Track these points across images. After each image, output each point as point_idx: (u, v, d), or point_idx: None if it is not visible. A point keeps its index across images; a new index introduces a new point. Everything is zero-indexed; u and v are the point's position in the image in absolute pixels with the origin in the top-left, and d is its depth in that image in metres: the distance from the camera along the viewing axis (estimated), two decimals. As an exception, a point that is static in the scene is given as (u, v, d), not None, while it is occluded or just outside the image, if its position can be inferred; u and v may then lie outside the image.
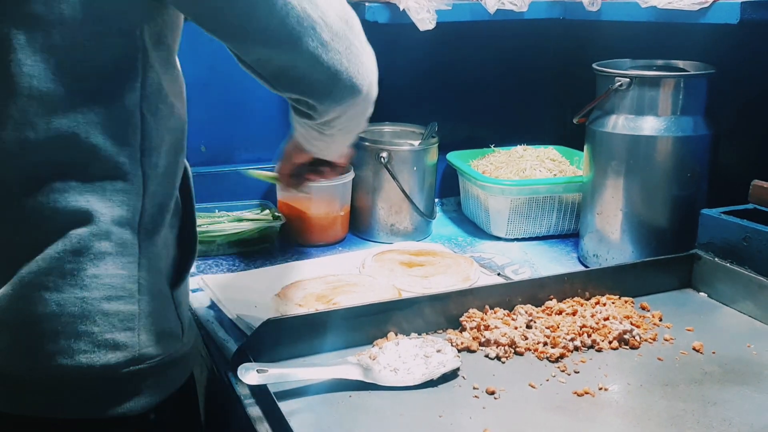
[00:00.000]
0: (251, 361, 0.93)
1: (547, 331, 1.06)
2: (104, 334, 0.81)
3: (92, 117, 0.80)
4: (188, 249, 0.95)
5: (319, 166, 1.16)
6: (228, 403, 0.99)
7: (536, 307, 1.14)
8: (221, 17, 0.80)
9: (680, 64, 1.37)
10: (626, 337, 1.06)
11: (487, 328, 1.07)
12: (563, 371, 0.99)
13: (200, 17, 0.81)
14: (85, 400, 0.83)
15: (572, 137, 1.67)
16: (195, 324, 1.01)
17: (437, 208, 1.77)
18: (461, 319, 1.10)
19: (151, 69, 0.83)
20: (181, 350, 0.90)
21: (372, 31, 1.54)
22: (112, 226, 0.82)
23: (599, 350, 1.04)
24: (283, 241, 1.57)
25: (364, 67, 0.90)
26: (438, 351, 1.00)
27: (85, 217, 0.81)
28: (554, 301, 1.16)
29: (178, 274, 0.92)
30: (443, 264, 1.37)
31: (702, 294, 1.23)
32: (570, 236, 1.60)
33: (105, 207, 0.82)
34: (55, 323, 0.80)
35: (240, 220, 1.54)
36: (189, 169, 0.95)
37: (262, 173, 1.41)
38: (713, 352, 1.04)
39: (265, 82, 0.86)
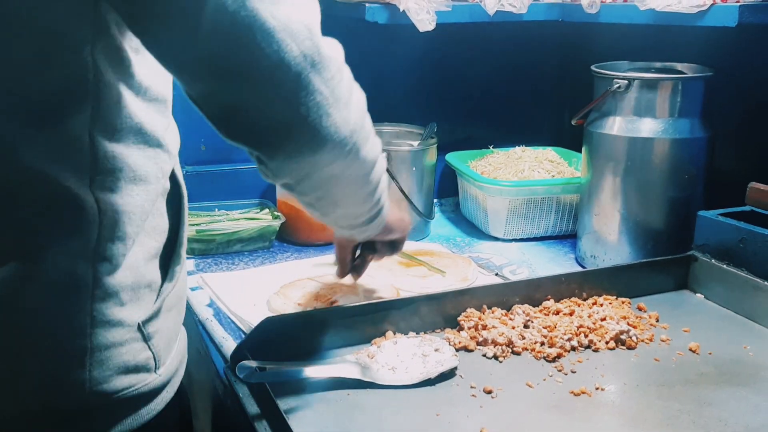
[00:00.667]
0: (250, 359, 0.94)
1: (545, 331, 1.07)
2: (49, 372, 0.77)
3: (34, 139, 0.73)
4: (167, 273, 0.87)
5: (372, 248, 1.11)
6: (227, 402, 0.99)
7: (534, 307, 1.14)
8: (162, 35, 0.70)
9: (678, 66, 1.38)
10: (623, 337, 1.06)
11: (484, 327, 1.07)
12: (560, 371, 0.99)
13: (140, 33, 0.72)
14: None
15: (570, 139, 1.68)
16: (186, 350, 0.95)
17: (436, 209, 1.78)
18: (459, 318, 1.11)
19: (107, 88, 0.75)
20: (153, 383, 0.84)
21: (372, 31, 1.56)
22: (60, 255, 0.76)
23: (596, 350, 1.05)
24: (282, 241, 1.58)
25: (334, 116, 0.76)
26: (436, 350, 1.01)
27: (29, 247, 0.75)
28: (551, 301, 1.16)
29: (154, 303, 0.84)
30: (441, 264, 1.37)
31: (698, 295, 1.23)
32: (568, 237, 1.60)
33: (53, 236, 0.75)
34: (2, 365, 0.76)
35: (239, 219, 1.55)
36: (183, 187, 0.90)
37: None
38: (709, 353, 1.04)
39: (213, 124, 0.77)
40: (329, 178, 0.83)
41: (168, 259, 0.88)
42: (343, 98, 0.77)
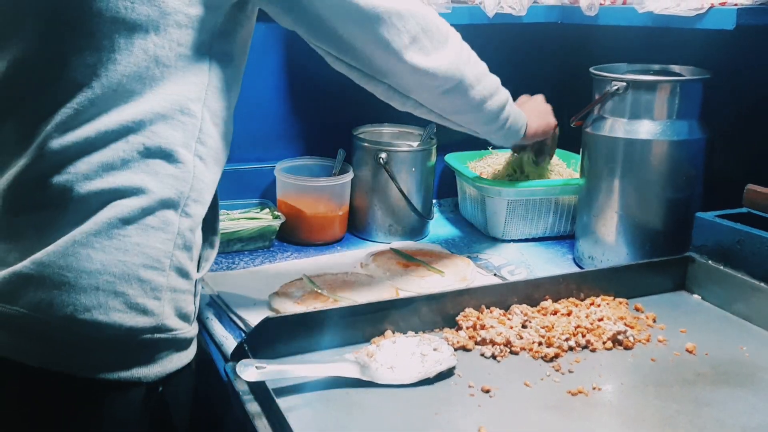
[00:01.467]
0: (250, 358, 0.94)
1: (542, 331, 1.07)
2: (137, 298, 0.88)
3: (159, 110, 0.90)
4: (210, 245, 1.03)
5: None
6: (226, 399, 0.99)
7: (532, 307, 1.15)
8: None
9: (676, 68, 1.39)
10: (620, 337, 1.07)
11: (483, 327, 1.08)
12: (558, 371, 1.00)
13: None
14: (105, 360, 0.88)
15: (569, 140, 1.68)
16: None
17: (435, 209, 1.78)
18: (457, 318, 1.11)
19: (218, 81, 0.96)
20: (190, 333, 0.96)
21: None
22: (160, 204, 0.90)
23: (593, 350, 1.05)
24: (282, 240, 1.59)
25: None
26: (434, 349, 1.01)
27: (137, 192, 0.89)
28: (549, 301, 1.17)
29: (199, 266, 0.99)
30: (440, 264, 1.38)
31: (696, 296, 1.24)
32: (566, 238, 1.61)
33: (156, 186, 0.90)
34: (97, 280, 0.86)
35: (239, 218, 1.55)
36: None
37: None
38: (706, 354, 1.05)
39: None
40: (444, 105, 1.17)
41: (210, 229, 1.03)
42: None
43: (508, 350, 1.05)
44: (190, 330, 0.96)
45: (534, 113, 1.41)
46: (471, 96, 1.17)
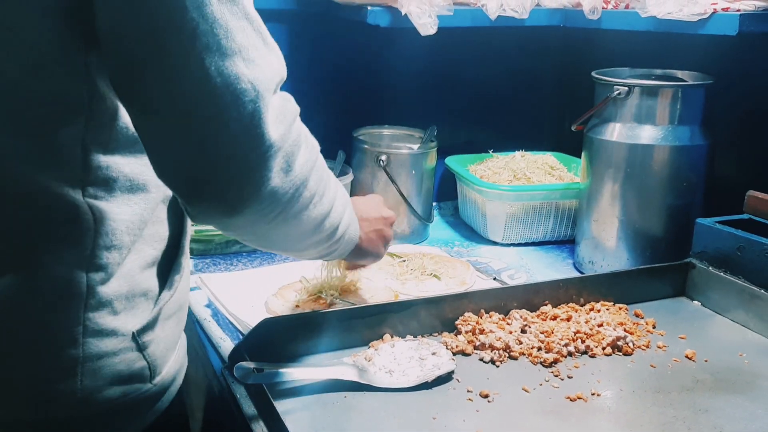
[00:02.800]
0: (248, 360, 0.94)
1: (542, 336, 1.07)
2: (39, 385, 0.76)
3: (24, 149, 0.74)
4: (165, 282, 0.87)
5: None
6: (224, 402, 0.99)
7: (531, 312, 1.15)
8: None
9: (678, 74, 1.38)
10: (620, 343, 1.07)
11: (482, 331, 1.08)
12: (557, 376, 1.00)
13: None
14: None
15: (570, 144, 1.68)
16: (185, 357, 0.94)
17: (435, 212, 1.78)
18: (456, 322, 1.11)
19: (101, 100, 0.76)
20: (148, 392, 0.83)
21: (373, 34, 1.56)
22: (55, 264, 0.76)
23: (593, 356, 1.05)
24: (280, 242, 1.58)
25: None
26: (433, 354, 1.01)
27: (25, 258, 0.75)
28: (549, 306, 1.16)
29: (150, 312, 0.84)
30: (439, 267, 1.38)
31: (695, 302, 1.24)
32: (566, 242, 1.61)
33: (48, 245, 0.76)
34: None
35: (238, 219, 1.55)
36: None
37: None
38: (705, 360, 1.05)
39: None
40: (264, 233, 0.83)
41: (167, 268, 0.87)
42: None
43: (507, 355, 1.04)
44: (144, 390, 0.83)
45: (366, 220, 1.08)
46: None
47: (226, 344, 1.10)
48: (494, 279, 1.37)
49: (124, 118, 0.77)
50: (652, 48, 1.55)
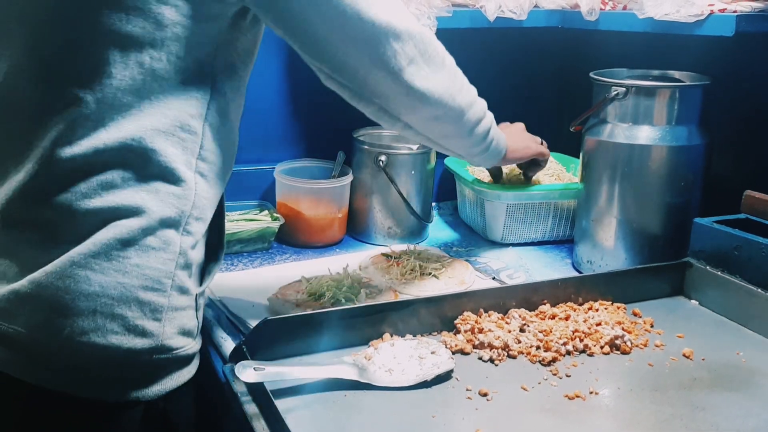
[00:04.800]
0: (248, 360, 0.95)
1: (540, 335, 1.08)
2: (136, 320, 0.88)
3: (159, 126, 0.88)
4: (214, 257, 1.02)
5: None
6: (225, 401, 1.00)
7: (530, 311, 1.15)
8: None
9: (676, 74, 1.39)
10: (618, 342, 1.07)
11: (481, 331, 1.08)
12: (555, 375, 1.00)
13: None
14: (104, 381, 0.88)
15: (568, 144, 1.69)
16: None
17: (434, 212, 1.79)
18: (456, 321, 1.12)
19: (220, 95, 0.94)
20: (193, 348, 0.96)
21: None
22: (160, 224, 0.89)
23: (591, 355, 1.06)
24: (281, 242, 1.59)
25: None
26: (432, 353, 1.02)
27: (137, 212, 0.88)
28: (548, 305, 1.17)
29: (202, 279, 0.99)
30: (439, 267, 1.38)
31: (693, 301, 1.25)
32: (565, 242, 1.61)
33: (156, 206, 0.89)
34: (95, 303, 0.86)
35: (239, 220, 1.56)
36: (223, 199, 1.04)
37: None
38: (703, 359, 1.06)
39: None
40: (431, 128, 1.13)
41: (215, 243, 1.02)
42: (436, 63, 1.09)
43: (506, 354, 1.05)
44: (193, 345, 0.96)
45: (514, 137, 1.40)
46: (462, 123, 1.15)
47: (227, 344, 1.10)
48: (493, 279, 1.38)
49: (232, 112, 0.98)
50: (650, 49, 1.56)
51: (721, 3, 1.20)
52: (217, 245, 1.03)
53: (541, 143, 1.48)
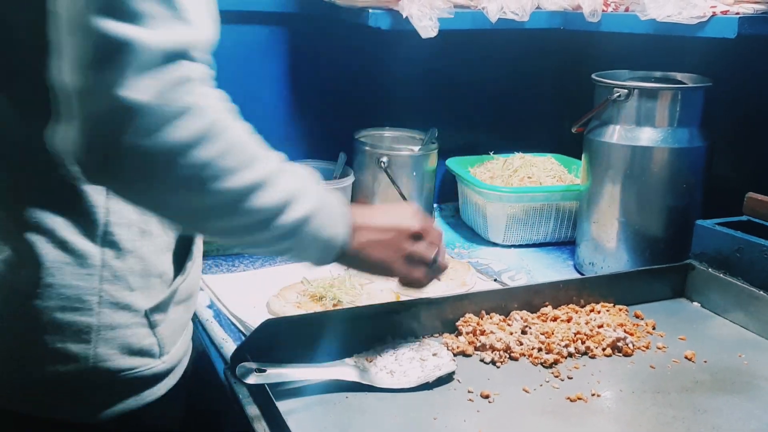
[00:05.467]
0: (249, 361, 0.94)
1: (542, 337, 1.07)
2: (56, 344, 0.82)
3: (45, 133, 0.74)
4: (179, 268, 0.93)
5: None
6: (226, 402, 1.00)
7: (531, 313, 1.15)
8: None
9: (678, 76, 1.39)
10: (619, 344, 1.07)
11: (482, 332, 1.08)
12: (557, 377, 1.00)
13: None
14: (64, 402, 0.85)
15: (570, 146, 1.69)
16: (191, 344, 1.00)
17: (436, 214, 1.79)
18: (457, 323, 1.11)
19: None
20: (158, 368, 0.89)
21: (375, 37, 1.57)
22: (71, 235, 0.82)
23: (593, 357, 1.06)
24: (282, 243, 1.59)
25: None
26: (434, 354, 1.01)
27: (40, 225, 0.81)
28: (549, 307, 1.17)
29: (165, 293, 0.89)
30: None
31: (695, 303, 1.24)
32: (566, 244, 1.61)
33: (64, 216, 0.81)
34: (17, 328, 0.82)
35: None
36: None
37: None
38: (705, 361, 1.05)
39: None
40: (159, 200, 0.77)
41: (182, 253, 0.93)
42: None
43: (508, 356, 1.05)
44: (157, 365, 0.89)
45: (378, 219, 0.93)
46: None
47: (229, 345, 1.10)
48: (495, 280, 1.38)
49: None
50: (652, 50, 1.56)
51: (723, 5, 1.20)
52: (184, 256, 0.94)
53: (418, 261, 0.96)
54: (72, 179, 0.77)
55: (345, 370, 0.97)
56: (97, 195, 0.82)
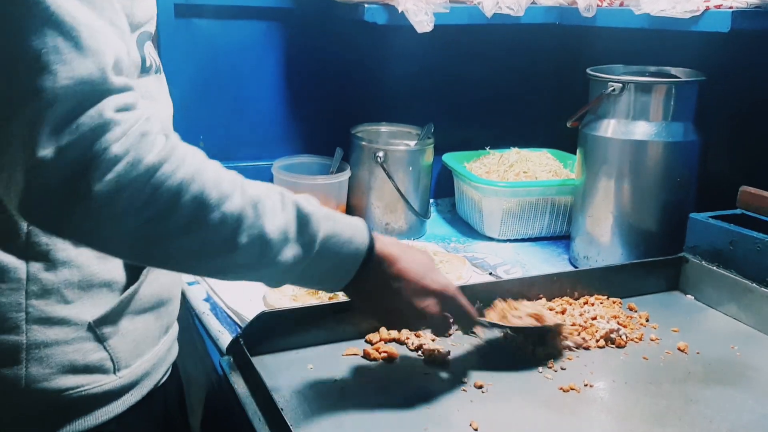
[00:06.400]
0: (246, 353, 0.95)
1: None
2: None
3: None
4: (132, 276, 0.83)
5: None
6: (222, 394, 1.00)
7: (526, 305, 1.16)
8: None
9: (672, 70, 1.40)
10: (613, 336, 1.08)
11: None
12: (550, 368, 1.01)
13: None
14: (19, 423, 0.78)
15: (566, 141, 1.69)
16: (173, 352, 0.95)
17: (432, 208, 1.79)
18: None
19: None
20: (109, 384, 0.81)
21: (371, 32, 1.57)
22: None
23: (586, 348, 1.06)
24: (278, 238, 1.59)
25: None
26: None
27: None
28: (544, 299, 1.18)
29: (111, 303, 0.81)
30: (436, 263, 1.39)
31: (688, 296, 1.25)
32: (561, 238, 1.62)
33: None
34: None
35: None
36: None
37: None
38: (697, 353, 1.06)
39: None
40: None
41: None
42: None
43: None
44: (112, 380, 0.81)
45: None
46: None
47: (224, 337, 1.11)
48: (490, 274, 1.39)
49: None
50: (646, 45, 1.56)
51: (717, -1, 1.21)
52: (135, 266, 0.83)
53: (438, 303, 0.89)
54: None
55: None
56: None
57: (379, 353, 1.01)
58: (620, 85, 1.32)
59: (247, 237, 0.70)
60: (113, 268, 0.81)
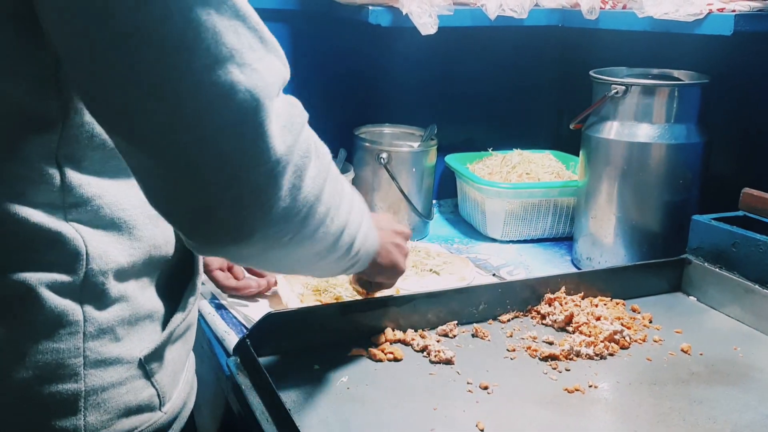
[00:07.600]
0: (252, 353, 0.95)
1: (540, 330, 1.09)
2: (42, 425, 0.69)
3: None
4: (178, 303, 0.80)
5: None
6: (229, 395, 1.01)
7: (530, 306, 1.16)
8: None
9: (675, 73, 1.40)
10: (616, 337, 1.08)
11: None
12: (555, 369, 1.01)
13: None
14: None
15: (568, 142, 1.70)
16: (195, 377, 0.91)
17: (435, 209, 1.80)
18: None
19: (78, 114, 0.67)
20: (158, 422, 0.77)
21: (375, 34, 1.58)
22: (45, 292, 0.68)
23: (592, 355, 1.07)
24: (282, 238, 1.60)
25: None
26: None
27: (9, 290, 0.67)
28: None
29: (160, 335, 0.78)
30: (438, 263, 1.39)
31: (691, 298, 1.26)
32: (564, 239, 1.63)
33: (34, 275, 0.68)
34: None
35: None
36: None
37: None
38: (701, 354, 1.07)
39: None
40: (279, 258, 0.73)
41: (179, 288, 0.81)
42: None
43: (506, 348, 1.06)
44: (159, 417, 0.77)
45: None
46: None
47: (231, 338, 1.11)
48: (493, 275, 1.39)
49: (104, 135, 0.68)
50: (649, 47, 1.57)
51: (720, 2, 1.21)
52: (181, 288, 0.81)
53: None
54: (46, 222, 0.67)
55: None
56: (73, 242, 0.69)
57: (385, 354, 1.02)
58: (623, 87, 1.32)
59: (348, 239, 0.78)
60: (152, 297, 0.77)
